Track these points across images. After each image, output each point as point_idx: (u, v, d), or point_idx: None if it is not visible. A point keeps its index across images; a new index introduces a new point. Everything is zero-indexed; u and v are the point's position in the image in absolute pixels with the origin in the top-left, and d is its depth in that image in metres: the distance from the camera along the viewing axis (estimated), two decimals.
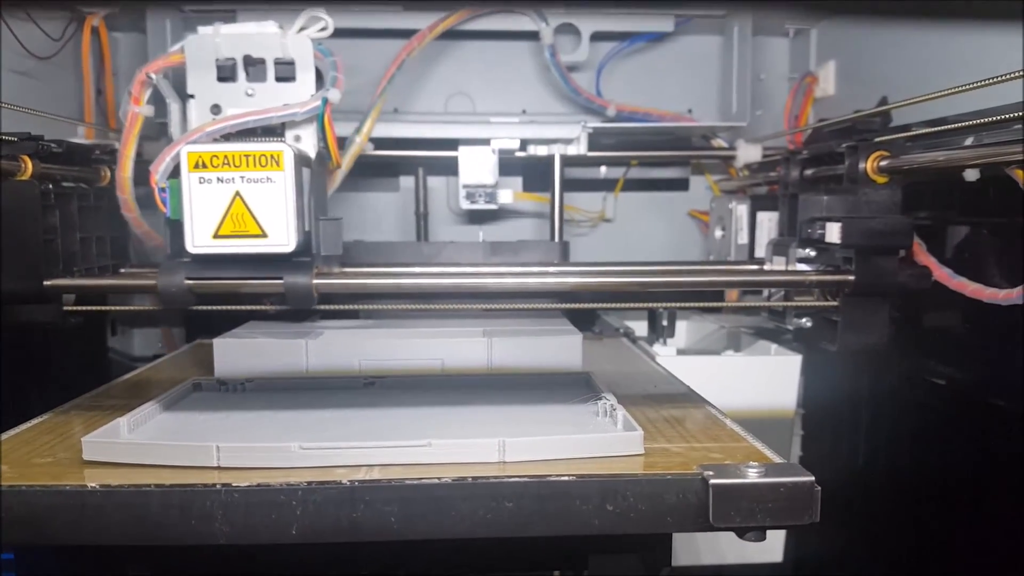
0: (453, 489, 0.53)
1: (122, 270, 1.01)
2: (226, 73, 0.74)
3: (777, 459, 0.58)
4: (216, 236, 0.68)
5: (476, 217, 1.32)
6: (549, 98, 1.31)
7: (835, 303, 0.90)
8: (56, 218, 0.87)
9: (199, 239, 0.68)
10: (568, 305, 0.99)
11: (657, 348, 1.04)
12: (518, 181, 1.30)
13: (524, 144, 1.15)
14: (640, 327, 1.16)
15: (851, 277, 0.83)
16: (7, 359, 0.94)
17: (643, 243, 1.34)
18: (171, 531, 0.53)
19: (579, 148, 1.15)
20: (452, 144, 1.17)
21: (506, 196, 1.17)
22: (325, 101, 0.73)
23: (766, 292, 1.01)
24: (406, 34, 1.15)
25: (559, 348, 0.84)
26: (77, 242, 0.90)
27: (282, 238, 0.68)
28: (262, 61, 0.74)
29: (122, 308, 1.05)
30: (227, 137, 0.73)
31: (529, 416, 0.68)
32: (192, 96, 0.75)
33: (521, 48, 1.31)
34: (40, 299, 0.85)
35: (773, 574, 1.14)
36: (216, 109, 0.75)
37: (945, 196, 0.92)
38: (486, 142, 1.15)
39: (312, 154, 0.75)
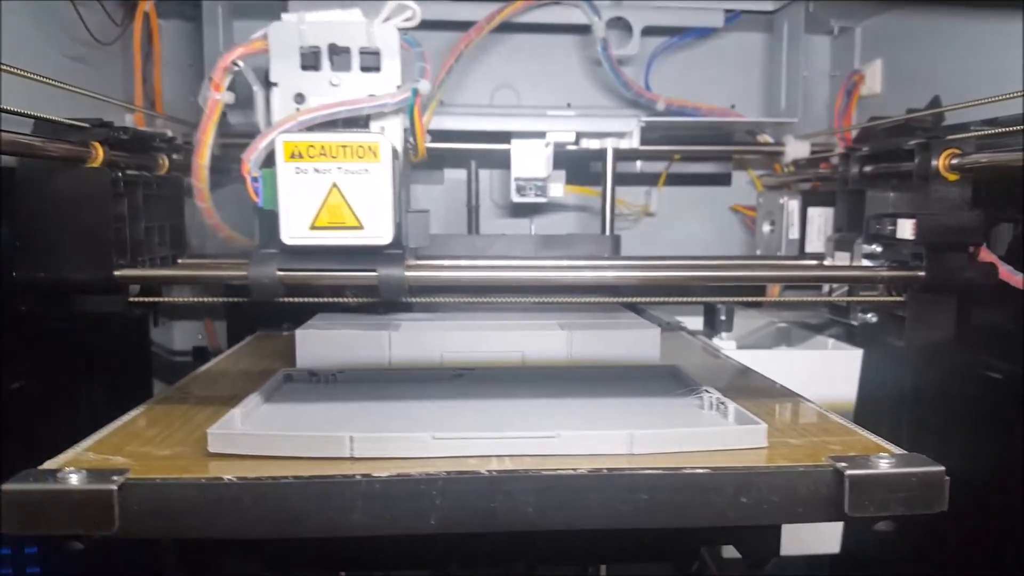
0: (589, 480, 0.53)
1: (179, 260, 1.00)
2: (310, 61, 0.72)
3: (896, 450, 0.59)
4: (312, 227, 0.66)
5: (520, 210, 1.32)
6: (594, 91, 1.31)
7: (901, 298, 0.91)
8: (124, 207, 0.86)
9: (295, 230, 0.66)
10: (631, 299, 0.99)
11: (716, 342, 1.05)
12: (561, 174, 1.30)
13: (577, 137, 1.15)
14: (689, 322, 1.16)
15: (921, 273, 0.84)
16: (57, 351, 0.93)
17: (686, 237, 1.34)
18: (308, 523, 0.52)
19: (631, 142, 1.15)
20: (500, 137, 1.16)
21: (557, 190, 1.17)
22: (415, 92, 0.71)
23: (827, 287, 1.02)
24: (453, 25, 1.14)
25: (638, 341, 0.84)
26: (142, 231, 0.89)
27: (379, 230, 0.67)
28: (347, 50, 0.72)
29: (189, 300, 1.03)
30: (310, 127, 0.72)
31: (633, 408, 0.68)
32: (275, 84, 0.72)
33: (566, 41, 1.31)
34: (110, 289, 0.84)
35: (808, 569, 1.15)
36: (300, 98, 0.73)
37: (1001, 194, 0.93)
38: (535, 135, 1.15)
39: (398, 145, 0.74)
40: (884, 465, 0.54)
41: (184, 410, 0.69)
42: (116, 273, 0.81)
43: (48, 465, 0.54)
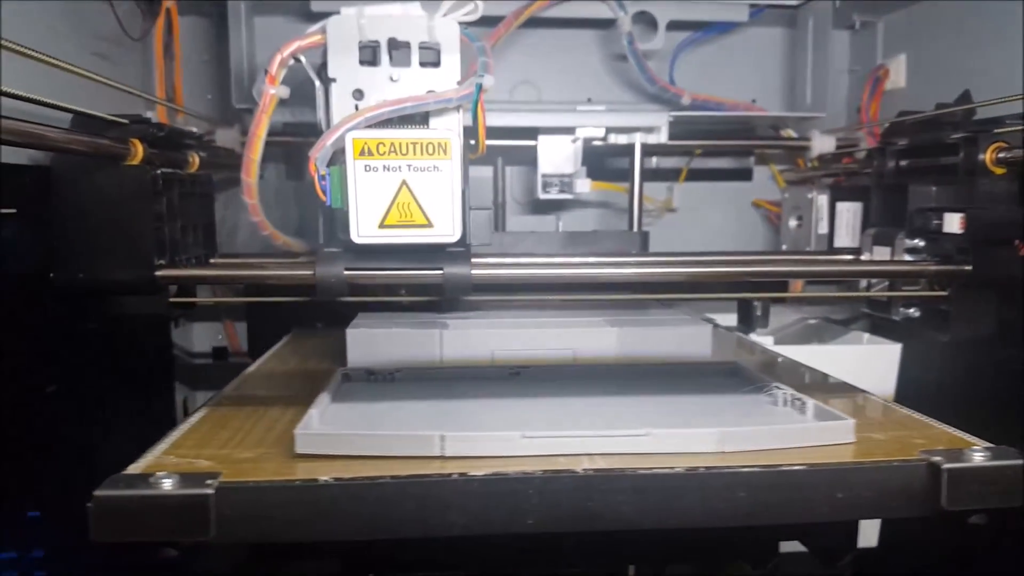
0: (687, 479, 0.53)
1: (211, 260, 0.98)
2: (368, 56, 0.70)
3: (982, 443, 0.59)
4: (382, 226, 0.65)
5: (539, 207, 1.31)
6: (615, 86, 1.30)
7: (944, 293, 0.91)
8: (163, 206, 0.84)
9: (364, 229, 0.65)
10: (669, 296, 0.99)
11: (754, 338, 1.04)
12: (584, 170, 1.29)
13: (606, 133, 1.14)
14: (719, 319, 1.15)
15: (968, 267, 0.84)
16: (86, 354, 0.91)
17: (708, 232, 1.33)
18: (405, 524, 0.51)
19: (660, 137, 1.14)
20: (522, 133, 1.15)
21: (583, 185, 1.16)
22: (480, 87, 0.69)
23: (864, 282, 1.02)
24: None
25: (689, 338, 0.84)
26: (178, 230, 0.87)
27: (448, 228, 0.65)
28: (406, 45, 0.70)
29: (227, 300, 1.01)
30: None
31: (706, 405, 0.67)
32: (333, 80, 0.70)
33: (585, 36, 1.30)
34: (151, 290, 0.82)
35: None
36: (358, 94, 0.70)
37: None
38: (562, 131, 1.14)
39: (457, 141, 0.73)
40: (979, 458, 0.54)
41: (249, 411, 0.67)
42: (157, 273, 0.79)
43: (132, 470, 0.52)
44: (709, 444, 0.56)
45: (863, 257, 1.00)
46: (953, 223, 0.87)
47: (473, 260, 0.69)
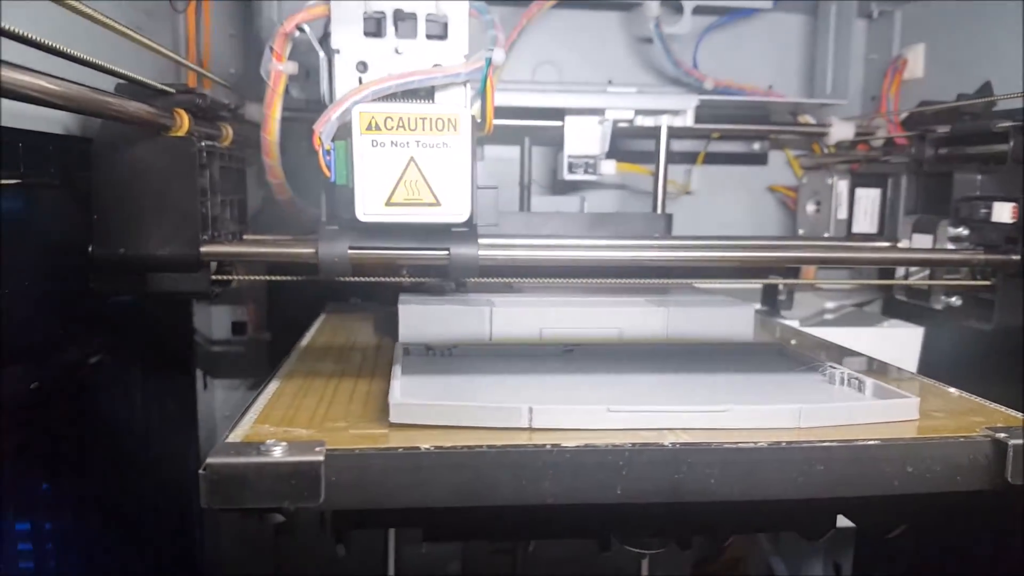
0: (769, 453, 0.55)
1: (244, 236, 0.98)
2: (373, 28, 0.67)
3: None
4: (388, 204, 0.64)
5: (560, 188, 1.32)
6: (636, 69, 1.31)
7: (987, 283, 0.91)
8: (207, 180, 0.82)
9: (370, 207, 0.63)
10: (705, 281, 1.01)
11: (781, 321, 1.07)
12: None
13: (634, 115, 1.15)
14: None
15: (1016, 257, 0.83)
16: (116, 329, 0.91)
17: (724, 215, 1.36)
18: (501, 492, 0.53)
19: (685, 120, 1.16)
20: (545, 113, 1.16)
21: (608, 167, 1.17)
22: (489, 62, 0.67)
23: (901, 270, 1.03)
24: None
25: (733, 319, 0.86)
26: (218, 206, 0.86)
27: (457, 207, 0.64)
28: (412, 16, 0.68)
29: (263, 278, 0.99)
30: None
31: (764, 383, 0.70)
32: (337, 52, 0.68)
33: (606, 18, 1.31)
34: (196, 267, 0.80)
35: None
36: (362, 66, 0.68)
37: None
38: (590, 112, 1.15)
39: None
40: None
41: (321, 383, 0.68)
42: (202, 249, 0.76)
43: (232, 439, 0.53)
44: (787, 420, 0.58)
45: (901, 244, 1.02)
46: (1004, 212, 0.87)
47: (480, 241, 0.68)
